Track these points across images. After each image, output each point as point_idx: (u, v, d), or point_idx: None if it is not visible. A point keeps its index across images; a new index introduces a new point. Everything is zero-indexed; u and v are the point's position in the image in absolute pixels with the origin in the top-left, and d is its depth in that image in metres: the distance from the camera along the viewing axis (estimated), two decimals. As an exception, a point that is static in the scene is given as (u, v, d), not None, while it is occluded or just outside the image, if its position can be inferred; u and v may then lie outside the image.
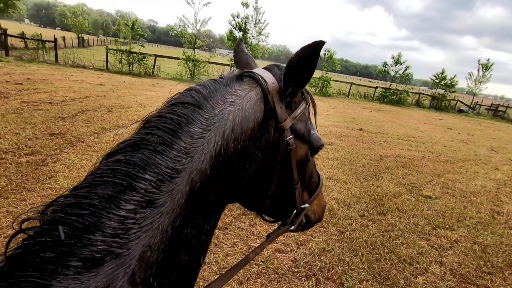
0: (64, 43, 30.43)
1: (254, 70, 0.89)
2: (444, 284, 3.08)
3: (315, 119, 1.04)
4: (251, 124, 0.78)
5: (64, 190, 3.38)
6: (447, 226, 4.35)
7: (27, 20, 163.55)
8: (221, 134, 0.73)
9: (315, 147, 0.99)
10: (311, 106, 1.01)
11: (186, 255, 0.73)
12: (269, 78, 0.85)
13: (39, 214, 0.59)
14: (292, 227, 1.08)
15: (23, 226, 0.58)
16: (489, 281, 3.23)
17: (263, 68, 0.94)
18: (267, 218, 1.12)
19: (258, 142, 0.81)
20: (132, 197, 0.60)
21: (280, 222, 1.13)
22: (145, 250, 0.60)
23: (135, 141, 0.67)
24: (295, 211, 1.05)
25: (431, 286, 3.02)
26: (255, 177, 0.85)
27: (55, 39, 17.59)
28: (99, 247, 0.56)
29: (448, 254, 3.66)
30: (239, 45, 1.14)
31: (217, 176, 0.73)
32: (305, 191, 1.07)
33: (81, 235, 0.55)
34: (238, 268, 0.94)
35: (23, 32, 20.84)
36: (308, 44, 0.78)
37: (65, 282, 0.52)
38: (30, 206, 3.21)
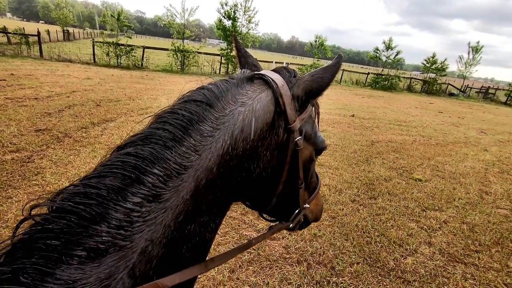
0: (49, 37, 29.50)
1: (264, 72, 0.90)
2: (433, 263, 3.15)
3: (318, 122, 1.06)
4: (260, 125, 0.79)
5: (52, 186, 3.29)
6: (436, 208, 4.43)
7: (9, 14, 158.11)
8: (230, 133, 0.74)
9: (319, 149, 1.02)
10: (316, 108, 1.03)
11: (189, 252, 0.73)
12: (279, 81, 0.86)
13: (49, 201, 0.59)
14: (291, 225, 1.11)
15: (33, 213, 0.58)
16: (477, 259, 3.32)
17: (272, 70, 0.96)
18: (267, 217, 1.16)
19: (267, 142, 0.82)
20: (139, 190, 0.61)
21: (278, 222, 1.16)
22: (147, 244, 0.61)
23: (147, 135, 0.68)
24: (297, 210, 1.08)
25: (420, 266, 3.08)
26: (263, 176, 0.86)
27: (39, 33, 17.00)
28: (104, 238, 0.56)
29: (437, 234, 3.73)
30: (240, 46, 1.12)
31: (224, 174, 0.74)
32: (306, 191, 1.10)
33: (88, 225, 0.56)
34: (241, 250, 0.98)
35: (4, 26, 20.05)
36: (329, 65, 0.91)
37: (68, 272, 0.52)
38: (16, 204, 3.16)
